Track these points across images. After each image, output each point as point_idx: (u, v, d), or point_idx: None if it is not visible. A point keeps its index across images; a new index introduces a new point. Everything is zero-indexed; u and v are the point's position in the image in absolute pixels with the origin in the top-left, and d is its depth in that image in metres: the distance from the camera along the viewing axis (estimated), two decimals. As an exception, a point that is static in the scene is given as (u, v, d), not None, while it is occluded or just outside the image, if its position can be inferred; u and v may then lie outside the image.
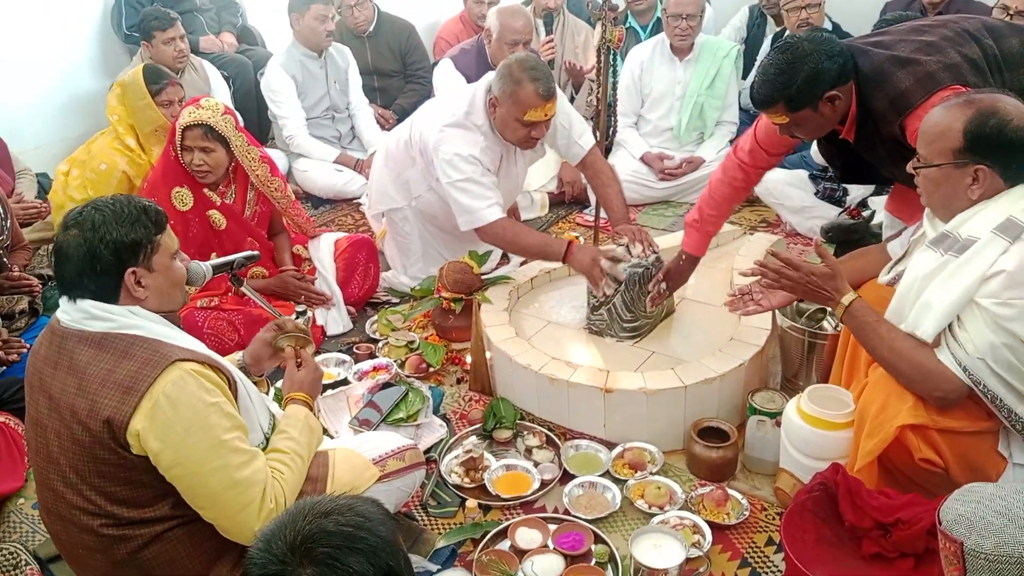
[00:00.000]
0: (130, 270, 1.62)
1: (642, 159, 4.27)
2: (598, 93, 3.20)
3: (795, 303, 2.56)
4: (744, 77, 4.47)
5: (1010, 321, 1.67)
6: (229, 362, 1.76)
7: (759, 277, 2.21)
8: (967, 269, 1.71)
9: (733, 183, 2.59)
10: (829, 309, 2.13)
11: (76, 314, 1.63)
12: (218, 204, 2.89)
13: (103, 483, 1.62)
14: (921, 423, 1.75)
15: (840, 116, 2.21)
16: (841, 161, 2.42)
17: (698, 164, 4.21)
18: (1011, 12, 3.69)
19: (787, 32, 4.25)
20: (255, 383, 1.91)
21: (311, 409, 1.88)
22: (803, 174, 3.82)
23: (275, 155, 4.35)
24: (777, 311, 2.56)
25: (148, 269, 1.65)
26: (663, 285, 2.67)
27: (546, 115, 2.83)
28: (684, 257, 2.70)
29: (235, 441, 1.60)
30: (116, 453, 1.58)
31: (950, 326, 1.76)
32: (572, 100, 4.73)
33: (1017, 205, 1.72)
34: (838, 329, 2.34)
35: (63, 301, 1.66)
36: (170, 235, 1.72)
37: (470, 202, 2.88)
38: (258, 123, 4.66)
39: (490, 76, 2.94)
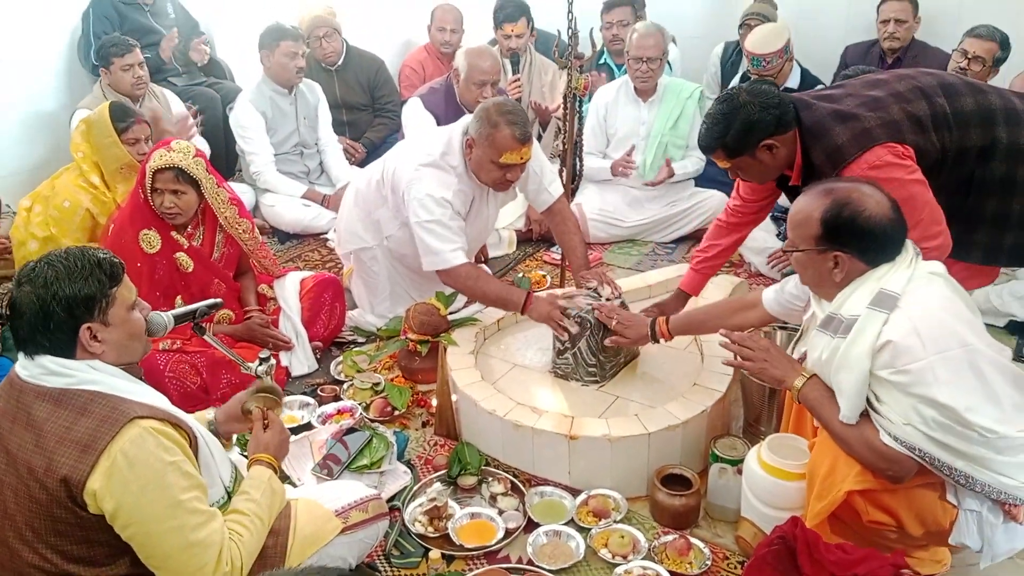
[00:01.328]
0: (85, 326, 1.61)
1: (612, 169, 4.27)
2: (564, 138, 3.24)
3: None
4: None
5: (912, 386, 1.74)
6: (191, 417, 1.75)
7: None
8: (856, 348, 1.79)
9: (727, 229, 2.76)
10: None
11: (34, 369, 1.62)
12: (185, 247, 2.87)
13: (59, 541, 1.60)
14: (868, 488, 1.79)
15: (782, 164, 2.30)
16: None
17: (671, 174, 4.23)
18: (969, 56, 3.81)
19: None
20: (221, 443, 1.90)
21: (276, 471, 1.87)
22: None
23: (242, 189, 4.36)
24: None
25: (104, 323, 1.64)
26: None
27: (522, 158, 2.87)
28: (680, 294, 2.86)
29: (192, 501, 1.59)
30: (73, 512, 1.56)
31: (872, 404, 1.82)
32: (539, 138, 4.78)
33: (885, 279, 1.82)
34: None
35: (21, 356, 1.64)
36: (127, 286, 1.70)
37: (436, 244, 2.91)
38: (225, 157, 4.65)
39: (467, 118, 2.97)
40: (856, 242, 1.83)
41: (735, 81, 4.58)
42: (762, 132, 2.24)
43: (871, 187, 1.87)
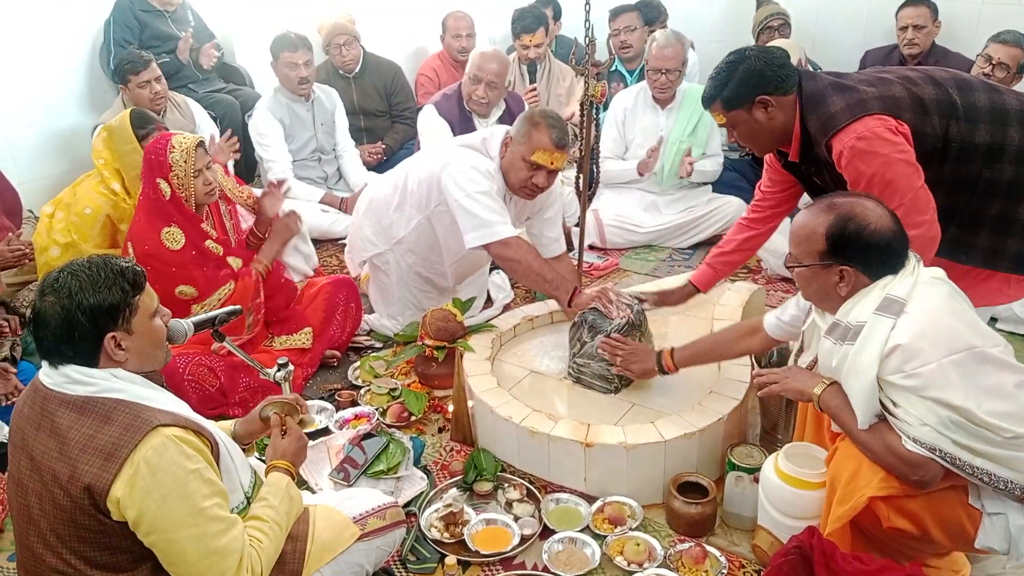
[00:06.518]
0: (109, 335, 1.62)
1: (639, 168, 4.26)
2: (580, 145, 3.25)
3: (774, 355, 2.61)
4: None
5: (924, 390, 1.75)
6: (213, 424, 1.76)
7: None
8: (864, 355, 1.80)
9: (751, 226, 2.82)
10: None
11: (58, 378, 1.63)
12: (215, 237, 2.94)
13: (83, 547, 1.62)
14: (892, 494, 1.78)
15: (777, 130, 2.33)
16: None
17: (691, 166, 4.23)
18: (993, 62, 3.78)
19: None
20: (243, 449, 1.91)
21: (293, 478, 1.88)
22: (786, 219, 3.87)
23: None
24: (755, 362, 2.63)
25: (127, 332, 1.65)
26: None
27: (552, 163, 2.89)
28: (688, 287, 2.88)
29: (214, 509, 1.61)
30: (96, 519, 1.58)
31: (888, 409, 1.82)
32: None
33: (890, 287, 1.83)
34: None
35: (45, 365, 1.66)
36: (149, 294, 1.72)
37: (486, 214, 2.86)
38: (245, 163, 4.69)
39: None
40: (861, 255, 1.85)
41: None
42: (760, 86, 2.27)
43: (872, 201, 1.89)
